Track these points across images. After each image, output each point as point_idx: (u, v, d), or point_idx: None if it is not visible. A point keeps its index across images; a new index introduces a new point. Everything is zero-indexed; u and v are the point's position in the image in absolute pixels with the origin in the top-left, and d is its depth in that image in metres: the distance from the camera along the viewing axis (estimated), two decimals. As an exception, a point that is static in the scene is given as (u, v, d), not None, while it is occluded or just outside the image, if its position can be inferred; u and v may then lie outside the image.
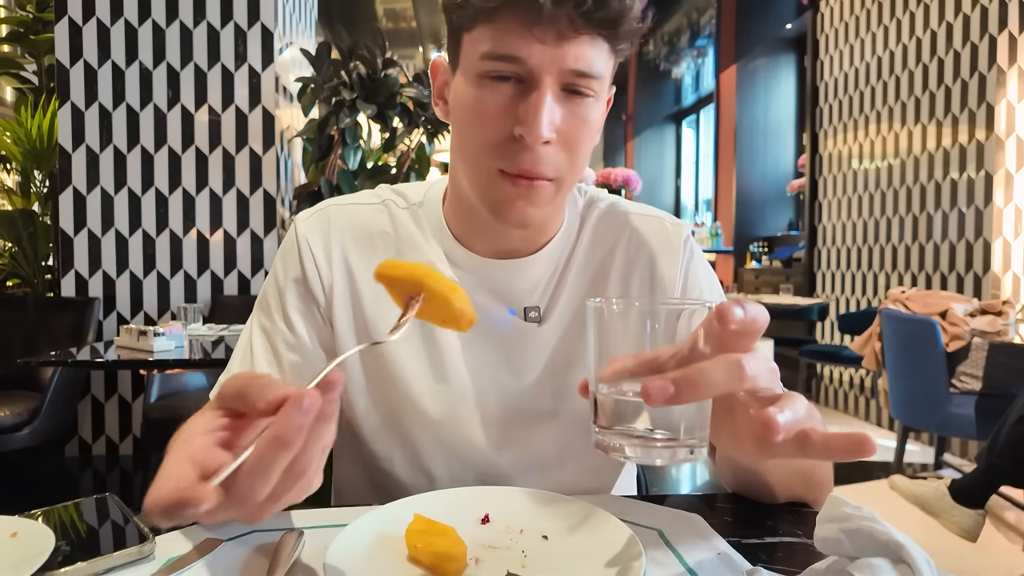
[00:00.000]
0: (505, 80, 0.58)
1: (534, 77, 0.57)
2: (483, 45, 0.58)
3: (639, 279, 0.74)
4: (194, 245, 3.23)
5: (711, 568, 0.50)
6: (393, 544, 0.51)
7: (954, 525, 2.15)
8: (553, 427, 0.72)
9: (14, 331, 2.94)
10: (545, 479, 0.72)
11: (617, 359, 0.43)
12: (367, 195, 0.76)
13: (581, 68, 0.57)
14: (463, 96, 0.62)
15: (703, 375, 0.39)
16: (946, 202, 3.54)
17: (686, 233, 0.76)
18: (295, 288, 0.71)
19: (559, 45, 0.56)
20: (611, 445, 0.44)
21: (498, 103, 0.59)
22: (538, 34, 0.56)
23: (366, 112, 3.13)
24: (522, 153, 0.59)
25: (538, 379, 0.71)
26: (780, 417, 0.39)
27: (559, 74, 0.57)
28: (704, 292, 0.75)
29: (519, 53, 0.57)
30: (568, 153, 0.61)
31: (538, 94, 0.57)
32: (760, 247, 6.10)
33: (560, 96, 0.59)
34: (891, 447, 3.04)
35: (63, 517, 0.57)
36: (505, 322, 0.71)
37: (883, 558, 0.40)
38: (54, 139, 3.32)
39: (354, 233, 0.72)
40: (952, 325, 2.61)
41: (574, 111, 0.60)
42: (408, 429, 0.72)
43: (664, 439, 0.42)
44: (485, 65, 0.58)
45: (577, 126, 0.60)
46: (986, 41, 3.26)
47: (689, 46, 6.83)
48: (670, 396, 0.38)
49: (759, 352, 0.41)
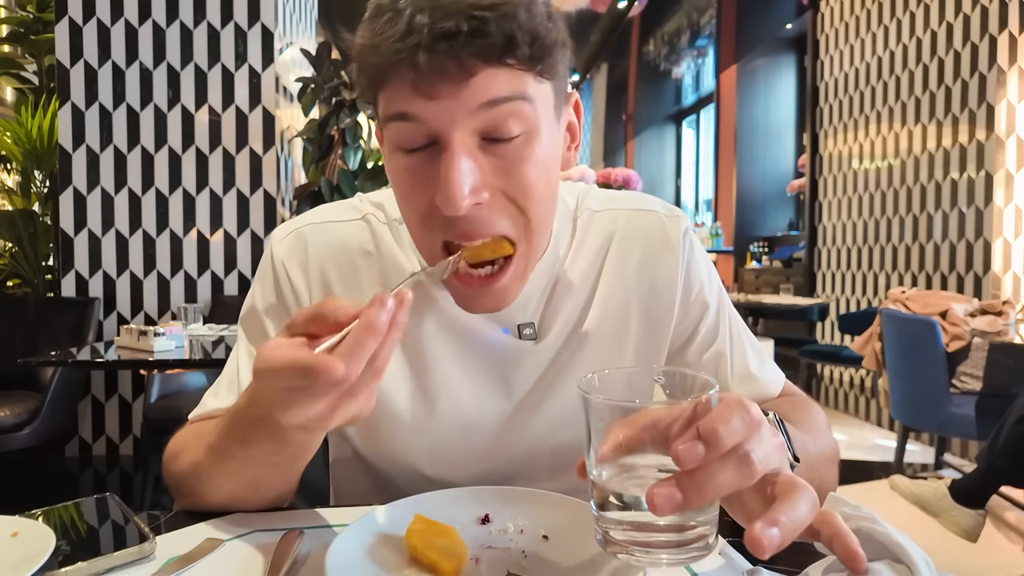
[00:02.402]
0: (416, 150, 0.53)
1: (440, 137, 0.52)
2: (383, 109, 0.54)
3: (636, 287, 0.70)
4: (194, 245, 3.23)
5: (712, 568, 0.50)
6: (393, 544, 0.51)
7: (954, 525, 2.15)
8: (548, 446, 0.70)
9: (14, 331, 2.94)
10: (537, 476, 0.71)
11: (613, 430, 0.40)
12: (345, 209, 0.71)
13: (489, 97, 0.51)
14: (386, 162, 0.58)
15: (711, 478, 0.37)
16: (946, 202, 3.54)
17: (684, 226, 0.72)
18: (273, 314, 0.69)
19: (452, 93, 0.50)
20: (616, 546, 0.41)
21: (411, 173, 0.55)
22: (424, 90, 0.50)
23: (366, 112, 3.13)
24: (452, 224, 0.54)
25: (534, 396, 0.69)
26: (766, 539, 0.36)
27: (466, 121, 0.51)
28: (704, 288, 0.73)
29: (409, 109, 0.51)
30: (516, 203, 0.55)
31: (448, 155, 0.51)
32: (760, 247, 6.10)
33: (480, 147, 0.53)
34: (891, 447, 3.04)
35: (63, 517, 0.57)
36: (499, 342, 0.67)
37: (882, 561, 0.40)
38: (54, 139, 3.32)
39: (334, 255, 0.68)
40: (952, 325, 2.61)
41: (504, 156, 0.53)
42: (401, 454, 0.70)
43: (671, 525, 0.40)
44: (390, 131, 0.54)
45: (513, 172, 0.53)
46: (986, 41, 3.25)
47: (689, 46, 6.83)
48: (677, 504, 0.36)
49: (765, 432, 0.39)
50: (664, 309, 0.71)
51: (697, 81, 7.75)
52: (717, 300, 0.74)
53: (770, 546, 0.36)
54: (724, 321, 0.74)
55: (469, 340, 0.68)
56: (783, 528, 0.36)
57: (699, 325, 0.73)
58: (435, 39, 0.48)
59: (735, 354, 0.74)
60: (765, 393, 0.74)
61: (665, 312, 0.71)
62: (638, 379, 0.47)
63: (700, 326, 0.73)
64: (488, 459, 0.70)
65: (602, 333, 0.70)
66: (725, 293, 0.77)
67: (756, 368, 0.74)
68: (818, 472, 0.61)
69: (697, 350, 0.73)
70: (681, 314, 0.72)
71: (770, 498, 0.40)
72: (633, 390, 0.45)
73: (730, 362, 0.73)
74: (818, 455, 0.62)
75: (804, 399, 0.75)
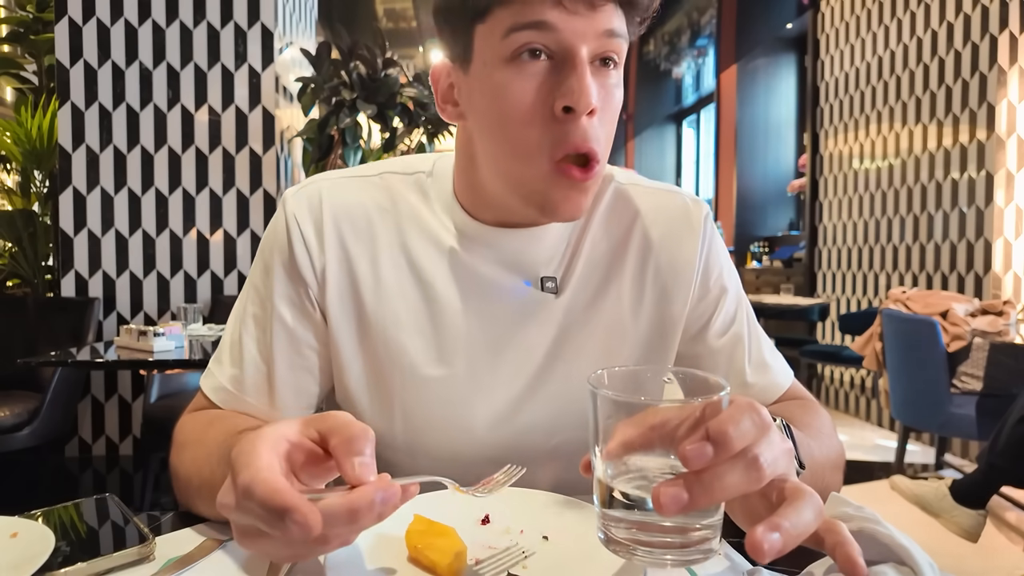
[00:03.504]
0: (536, 56, 0.56)
1: (567, 49, 0.55)
2: (505, 22, 0.55)
3: (655, 262, 0.71)
4: (194, 245, 3.23)
5: (711, 568, 0.49)
6: (393, 544, 0.51)
7: (955, 525, 2.15)
8: (557, 396, 0.69)
9: (14, 331, 2.94)
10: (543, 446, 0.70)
11: (620, 427, 0.40)
12: (362, 168, 0.72)
13: (612, 27, 0.56)
14: (491, 86, 0.58)
15: (719, 479, 0.37)
16: (947, 202, 3.54)
17: (706, 211, 0.74)
18: (283, 273, 0.67)
19: (587, 13, 0.54)
20: (619, 545, 0.41)
21: (536, 80, 0.56)
22: (568, 4, 0.54)
23: (366, 112, 3.13)
24: (572, 131, 0.56)
25: (552, 349, 0.69)
26: (767, 543, 0.36)
27: (593, 42, 0.55)
28: (724, 273, 0.73)
29: (549, 19, 0.54)
30: (604, 127, 0.59)
31: (579, 64, 0.55)
32: (761, 247, 6.10)
33: (592, 69, 0.56)
34: (892, 447, 3.04)
35: (63, 517, 0.57)
36: (521, 293, 0.68)
37: (887, 564, 0.40)
38: (54, 139, 3.33)
39: (349, 212, 0.67)
40: (953, 325, 2.61)
41: (604, 83, 0.58)
42: (410, 410, 0.68)
43: (674, 527, 0.40)
44: (512, 42, 0.55)
45: (608, 98, 0.58)
46: (987, 41, 3.25)
47: (689, 46, 6.83)
48: (683, 504, 0.36)
49: (774, 436, 0.39)
50: (681, 287, 0.71)
51: (697, 81, 7.75)
52: (736, 288, 0.75)
53: (771, 551, 0.36)
54: (743, 310, 0.75)
55: (491, 293, 0.68)
56: (785, 533, 0.36)
57: (718, 308, 0.73)
58: None
59: (752, 340, 0.74)
60: (776, 383, 0.74)
61: (682, 290, 0.71)
62: (647, 378, 0.47)
63: (719, 309, 0.73)
64: (503, 424, 0.69)
65: (619, 302, 0.71)
66: (743, 289, 0.77)
67: (770, 358, 0.75)
68: (822, 478, 0.61)
69: (716, 332, 0.73)
70: (700, 294, 0.72)
71: (775, 503, 0.40)
72: (641, 389, 0.45)
73: (747, 347, 0.73)
74: (823, 461, 0.62)
75: (812, 402, 0.75)
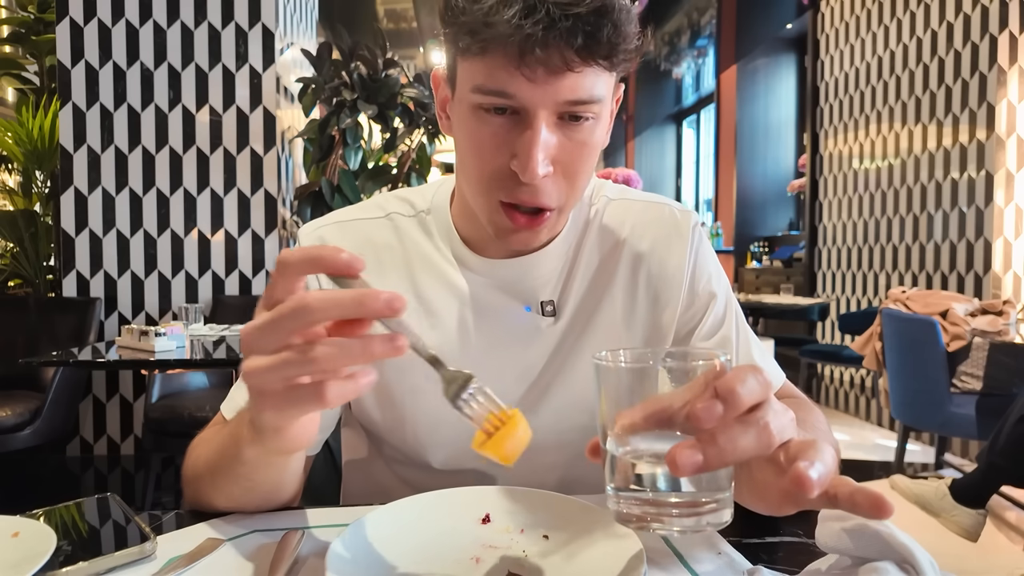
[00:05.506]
0: (500, 112, 0.57)
1: (527, 111, 0.56)
2: (475, 78, 0.57)
3: (645, 272, 0.73)
4: (195, 245, 3.23)
5: (712, 567, 0.50)
6: (393, 544, 0.51)
7: (955, 525, 2.15)
8: (556, 431, 0.71)
9: (16, 331, 2.94)
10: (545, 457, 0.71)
11: (625, 413, 0.41)
12: (370, 207, 0.75)
13: (578, 97, 0.56)
14: (460, 124, 0.61)
15: (732, 442, 0.38)
16: (947, 202, 3.54)
17: (695, 220, 0.75)
18: None
19: (550, 81, 0.54)
20: (630, 517, 0.42)
21: (493, 136, 0.58)
22: (527, 73, 0.54)
23: (367, 112, 3.13)
24: (520, 186, 0.58)
25: (546, 376, 0.71)
26: (813, 473, 0.37)
27: (554, 106, 0.56)
28: (712, 279, 0.75)
29: (508, 89, 0.55)
30: (568, 179, 0.60)
31: (531, 131, 0.56)
32: (761, 247, 6.10)
33: (556, 124, 0.57)
34: (892, 447, 3.04)
35: (64, 517, 0.58)
36: (522, 319, 0.71)
37: (888, 561, 0.40)
38: (55, 139, 3.33)
39: (360, 250, 0.70)
40: (953, 325, 2.61)
41: (572, 137, 0.58)
42: (419, 425, 0.71)
43: (686, 502, 0.41)
44: (476, 98, 0.57)
45: (575, 152, 0.59)
46: (987, 41, 3.25)
47: (689, 46, 6.82)
48: (698, 465, 0.37)
49: (777, 405, 0.41)
50: (671, 294, 0.73)
51: (697, 81, 7.74)
52: (725, 293, 0.76)
53: (819, 482, 0.37)
54: (731, 314, 0.76)
55: (493, 319, 0.70)
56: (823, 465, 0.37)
57: (706, 313, 0.74)
58: (550, 32, 0.52)
59: (740, 343, 0.75)
60: None
61: (672, 297, 0.73)
62: (650, 354, 0.47)
63: (707, 314, 0.74)
64: None
65: (612, 314, 0.72)
66: (732, 294, 0.78)
67: (759, 360, 0.76)
68: None
69: (704, 336, 0.74)
70: (688, 300, 0.74)
71: (787, 461, 0.41)
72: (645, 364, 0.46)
73: (736, 350, 0.74)
74: None
75: (806, 400, 0.76)
